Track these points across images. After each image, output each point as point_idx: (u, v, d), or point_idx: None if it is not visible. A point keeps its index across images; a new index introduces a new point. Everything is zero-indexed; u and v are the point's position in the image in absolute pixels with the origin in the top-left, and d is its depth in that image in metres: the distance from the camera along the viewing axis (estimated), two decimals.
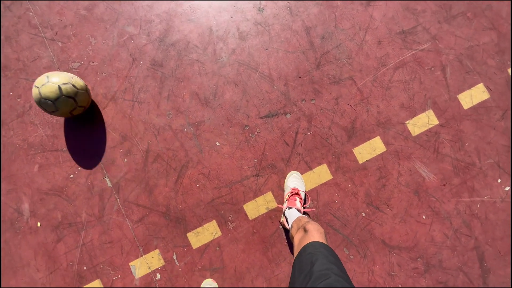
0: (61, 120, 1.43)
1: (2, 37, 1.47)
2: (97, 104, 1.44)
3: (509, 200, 1.40)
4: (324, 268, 0.73)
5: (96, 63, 1.46)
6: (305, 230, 0.96)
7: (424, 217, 1.39)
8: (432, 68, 1.47)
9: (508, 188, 1.41)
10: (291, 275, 0.89)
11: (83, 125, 1.42)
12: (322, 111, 1.44)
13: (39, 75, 1.45)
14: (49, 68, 1.45)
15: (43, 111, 1.42)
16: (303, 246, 0.89)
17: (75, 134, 1.42)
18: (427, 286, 1.34)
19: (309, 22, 1.49)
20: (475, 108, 1.45)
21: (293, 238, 1.07)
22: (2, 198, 1.39)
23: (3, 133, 1.42)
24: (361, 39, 1.48)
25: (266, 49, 1.48)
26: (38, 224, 1.38)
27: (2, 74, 1.45)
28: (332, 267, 0.73)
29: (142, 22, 1.48)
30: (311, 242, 0.88)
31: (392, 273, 1.35)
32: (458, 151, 1.43)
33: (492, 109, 1.45)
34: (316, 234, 0.92)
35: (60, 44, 1.47)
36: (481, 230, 1.38)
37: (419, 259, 1.36)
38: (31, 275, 1.35)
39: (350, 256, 1.36)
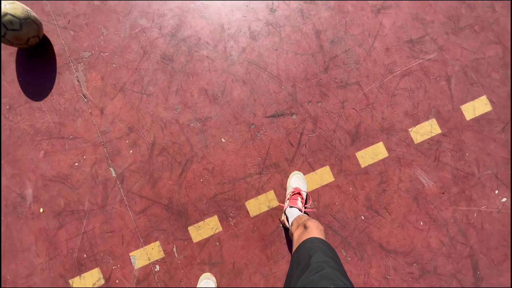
0: (69, 107, 1.44)
1: None
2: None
3: (505, 211, 1.43)
4: (321, 261, 0.75)
5: (107, 54, 1.47)
6: (305, 227, 0.98)
7: (421, 224, 1.42)
8: (438, 78, 1.50)
9: (505, 199, 1.44)
10: (289, 268, 0.90)
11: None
12: (327, 114, 1.47)
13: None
14: (59, 56, 1.46)
15: (51, 98, 1.43)
16: (302, 241, 0.91)
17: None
18: None
19: (319, 26, 1.51)
20: (477, 120, 1.48)
21: (292, 235, 1.09)
22: (6, 182, 1.40)
23: (10, 117, 1.43)
24: (370, 46, 1.50)
25: (276, 49, 1.50)
26: (41, 210, 1.39)
27: (13, 60, 1.46)
28: (329, 260, 0.75)
29: (155, 16, 1.50)
30: (310, 237, 0.90)
31: (388, 277, 1.38)
32: (458, 161, 1.45)
33: (493, 121, 1.48)
34: (315, 230, 0.94)
35: (72, 32, 1.48)
36: (476, 239, 1.41)
37: (414, 264, 1.39)
38: (31, 259, 1.36)
39: (348, 258, 1.39)
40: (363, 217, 1.41)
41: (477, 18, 1.54)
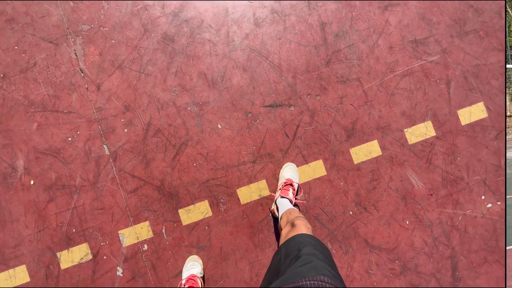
0: (65, 81, 1.41)
1: None
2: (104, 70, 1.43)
3: (489, 216, 1.47)
4: (311, 253, 0.76)
5: (107, 29, 1.44)
6: (293, 225, 0.99)
7: (407, 222, 1.45)
8: (438, 81, 1.50)
9: (490, 205, 1.47)
10: (274, 260, 0.91)
11: None
12: (325, 108, 1.47)
13: (47, 32, 1.42)
14: (57, 27, 1.43)
15: (47, 70, 1.41)
16: (290, 236, 0.92)
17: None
18: (400, 287, 1.41)
19: (325, 18, 1.49)
20: (472, 125, 1.50)
21: (281, 229, 1.10)
22: None
23: (4, 86, 1.40)
24: (374, 42, 1.49)
25: (279, 38, 1.48)
26: (31, 182, 1.38)
27: (9, 27, 1.41)
28: (318, 254, 0.77)
29: None
30: (299, 233, 0.91)
31: (370, 271, 1.42)
32: (449, 164, 1.48)
33: (487, 128, 1.50)
34: (303, 228, 0.95)
35: (71, 3, 1.43)
36: (458, 241, 1.45)
37: (396, 261, 1.43)
38: (20, 230, 1.37)
39: (333, 251, 1.42)
40: (351, 212, 1.44)
41: (483, 24, 1.53)
